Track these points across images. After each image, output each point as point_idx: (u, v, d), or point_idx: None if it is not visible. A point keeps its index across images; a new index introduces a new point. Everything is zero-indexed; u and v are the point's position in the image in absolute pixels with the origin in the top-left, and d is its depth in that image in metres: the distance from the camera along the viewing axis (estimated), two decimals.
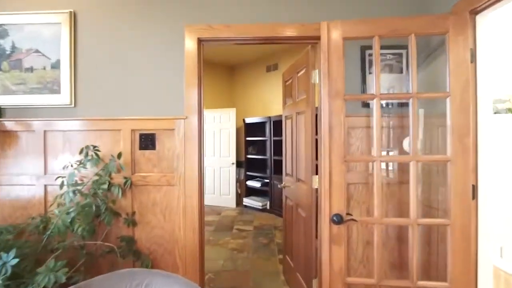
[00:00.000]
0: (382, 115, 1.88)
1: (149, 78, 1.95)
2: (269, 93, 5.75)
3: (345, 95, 1.60)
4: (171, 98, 1.93)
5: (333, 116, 1.60)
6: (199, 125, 1.92)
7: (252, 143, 5.94)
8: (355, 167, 1.93)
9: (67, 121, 1.94)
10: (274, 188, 5.18)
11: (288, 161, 2.65)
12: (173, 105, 1.93)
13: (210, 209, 5.64)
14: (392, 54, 1.90)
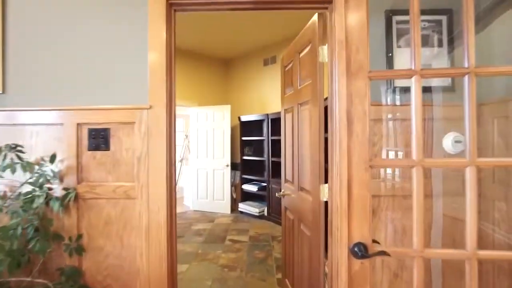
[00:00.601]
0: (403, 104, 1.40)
1: (102, 55, 1.45)
2: (266, 88, 5.26)
3: (370, 71, 1.11)
4: (131, 81, 1.44)
5: (353, 102, 1.12)
6: (168, 117, 1.43)
7: (248, 143, 5.45)
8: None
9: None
10: (272, 193, 4.69)
11: (288, 165, 2.15)
12: (133, 91, 1.44)
13: (202, 216, 5.14)
14: (428, 21, 1.41)
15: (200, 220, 4.85)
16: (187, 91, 5.53)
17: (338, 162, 1.14)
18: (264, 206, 4.96)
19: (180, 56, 5.42)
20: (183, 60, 5.46)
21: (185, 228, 4.40)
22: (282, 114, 2.32)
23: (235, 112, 5.89)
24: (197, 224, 4.62)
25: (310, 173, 1.66)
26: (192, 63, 5.60)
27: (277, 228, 4.36)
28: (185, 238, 3.95)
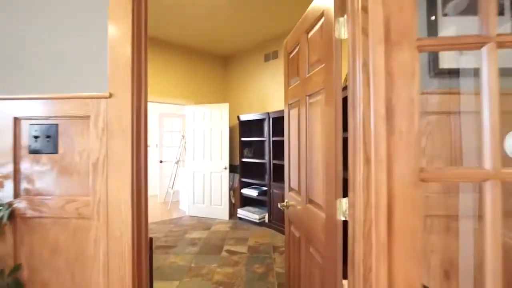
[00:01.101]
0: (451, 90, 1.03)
1: (49, 30, 1.10)
2: (267, 85, 4.90)
3: (419, 39, 0.75)
4: (86, 62, 1.08)
5: (395, 85, 0.76)
6: (136, 109, 1.07)
7: (247, 145, 5.09)
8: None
9: None
10: (273, 198, 4.33)
11: (293, 171, 1.79)
12: (89, 75, 1.08)
13: (198, 222, 4.78)
14: None
15: (195, 227, 4.49)
16: (183, 89, 5.18)
17: (366, 173, 0.78)
18: (264, 212, 4.59)
19: (176, 52, 5.07)
20: (178, 56, 5.11)
21: (179, 237, 4.04)
22: (286, 110, 1.96)
23: (234, 111, 5.53)
24: (192, 232, 4.26)
25: (322, 183, 1.30)
26: (189, 59, 5.25)
27: (279, 237, 3.99)
28: (178, 249, 3.59)
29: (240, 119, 4.99)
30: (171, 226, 4.55)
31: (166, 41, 4.90)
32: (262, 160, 4.62)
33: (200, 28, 4.39)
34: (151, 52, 4.74)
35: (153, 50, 4.78)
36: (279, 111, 4.22)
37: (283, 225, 4.08)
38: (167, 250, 3.56)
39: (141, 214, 1.12)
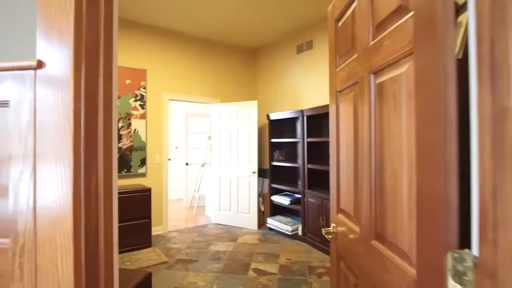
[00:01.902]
0: None
1: None
2: (301, 80, 4.36)
3: None
4: None
5: None
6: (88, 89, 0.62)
7: (278, 146, 4.58)
8: None
9: None
10: (308, 207, 3.78)
11: (346, 186, 1.26)
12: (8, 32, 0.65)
13: (224, 231, 4.35)
14: None
15: (221, 238, 4.06)
16: (209, 86, 4.80)
17: None
18: (298, 223, 4.05)
19: (200, 46, 4.70)
20: (203, 51, 4.74)
21: (202, 249, 3.63)
22: (332, 101, 1.43)
23: (263, 109, 5.05)
24: (217, 244, 3.83)
25: (408, 215, 0.76)
26: (214, 54, 4.86)
27: (315, 255, 3.43)
28: (200, 264, 3.17)
29: (270, 118, 4.50)
30: (195, 236, 4.16)
31: (189, 35, 4.55)
32: (295, 164, 4.09)
33: (226, 19, 3.97)
34: (174, 48, 4.41)
35: (176, 46, 4.45)
36: (315, 108, 3.66)
37: (320, 240, 3.53)
38: (187, 265, 3.15)
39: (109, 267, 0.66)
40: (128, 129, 3.99)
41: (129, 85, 4.00)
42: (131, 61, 4.05)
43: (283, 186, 4.25)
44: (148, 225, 3.66)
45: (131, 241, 3.52)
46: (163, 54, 4.33)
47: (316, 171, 3.88)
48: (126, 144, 3.97)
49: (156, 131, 4.27)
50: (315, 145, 3.90)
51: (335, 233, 1.37)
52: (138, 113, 4.08)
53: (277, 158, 4.49)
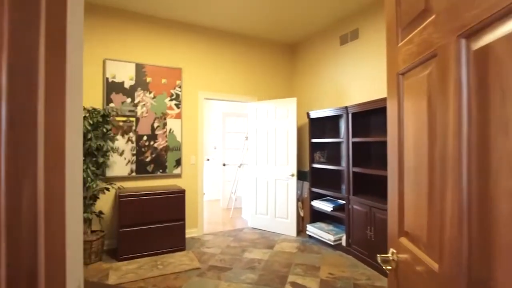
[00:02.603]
0: None
1: None
2: (345, 74, 3.95)
3: None
4: None
5: None
6: None
7: (319, 147, 4.22)
8: None
9: None
10: (353, 216, 3.37)
11: (411, 200, 0.92)
12: None
13: (260, 237, 4.11)
14: None
15: (256, 244, 3.82)
16: (245, 84, 4.60)
17: None
18: (341, 232, 3.66)
19: (235, 43, 4.52)
20: (238, 47, 4.55)
21: (236, 256, 3.42)
22: (392, 87, 1.09)
23: (302, 107, 4.72)
24: (252, 251, 3.59)
25: None
26: (250, 51, 4.64)
27: (362, 270, 3.02)
28: (233, 273, 2.96)
29: (310, 116, 4.15)
30: (230, 240, 3.98)
31: (224, 31, 4.38)
32: (338, 166, 3.69)
33: (262, 13, 3.72)
34: (209, 45, 4.27)
35: (211, 43, 4.31)
36: (362, 104, 3.25)
37: (368, 254, 3.10)
38: (219, 273, 2.96)
39: None
40: (163, 129, 3.93)
41: (165, 85, 3.95)
42: (166, 60, 3.99)
43: (324, 190, 3.88)
44: (182, 227, 3.55)
45: (164, 244, 3.44)
46: (198, 52, 4.22)
47: (362, 175, 3.46)
48: (161, 144, 3.92)
49: (192, 131, 4.17)
50: (362, 146, 3.48)
51: (395, 261, 1.04)
52: (173, 113, 4.00)
53: (318, 160, 4.13)
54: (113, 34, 3.67)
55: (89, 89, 3.54)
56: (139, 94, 3.79)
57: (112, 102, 3.64)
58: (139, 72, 3.78)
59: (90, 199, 3.24)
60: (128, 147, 3.71)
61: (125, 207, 3.25)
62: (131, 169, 3.73)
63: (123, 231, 3.24)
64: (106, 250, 3.54)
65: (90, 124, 3.02)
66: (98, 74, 3.59)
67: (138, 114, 3.78)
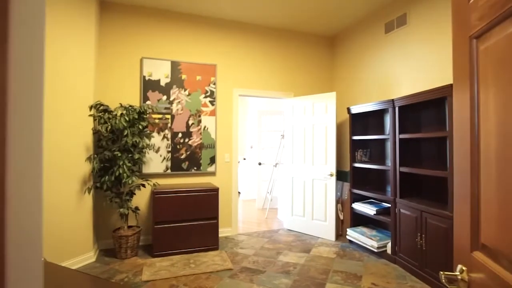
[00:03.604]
0: None
1: None
2: (390, 64, 3.59)
3: None
4: None
5: None
6: None
7: (361, 145, 3.89)
8: None
9: None
10: (400, 221, 3.02)
11: (493, 204, 0.68)
12: None
13: (296, 239, 3.90)
14: None
15: (292, 247, 3.62)
16: (281, 80, 4.42)
17: None
18: (386, 238, 3.31)
19: (270, 36, 4.36)
20: (274, 41, 4.38)
21: (270, 258, 3.25)
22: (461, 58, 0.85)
23: (341, 102, 4.42)
24: (288, 254, 3.40)
25: None
26: (285, 45, 4.45)
27: (411, 283, 2.68)
28: (266, 276, 2.80)
29: (350, 111, 3.85)
30: (265, 241, 3.82)
31: (258, 25, 4.25)
32: (382, 166, 3.35)
33: (299, 3, 3.52)
34: (243, 40, 4.16)
35: (245, 38, 4.20)
36: (411, 96, 2.90)
37: (417, 264, 2.72)
38: (252, 276, 2.81)
39: None
40: (198, 126, 3.90)
41: (199, 82, 3.92)
42: (201, 56, 3.96)
43: (367, 192, 3.55)
44: (215, 226, 3.47)
45: (198, 242, 3.39)
46: (232, 48, 4.13)
47: (411, 176, 3.09)
48: (196, 142, 3.89)
49: (226, 129, 4.09)
50: (410, 143, 3.12)
51: (465, 282, 0.80)
52: (208, 110, 3.96)
53: (359, 158, 3.81)
54: (149, 33, 3.72)
55: (127, 88, 3.62)
56: (174, 91, 3.80)
57: (149, 100, 3.69)
58: (175, 69, 3.80)
59: (127, 194, 3.30)
60: (163, 144, 3.74)
61: (159, 203, 3.26)
62: (166, 166, 3.75)
63: (157, 227, 3.25)
64: (142, 246, 3.60)
65: (126, 120, 3.06)
66: (136, 73, 3.67)
67: (173, 112, 3.79)
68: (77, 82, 2.98)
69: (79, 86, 3.01)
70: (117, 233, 3.20)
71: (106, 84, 3.54)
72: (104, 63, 3.54)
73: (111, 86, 3.56)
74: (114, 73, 3.58)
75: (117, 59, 3.59)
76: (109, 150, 3.11)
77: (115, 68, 3.58)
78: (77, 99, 2.99)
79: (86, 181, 3.10)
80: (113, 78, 3.57)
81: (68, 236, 2.91)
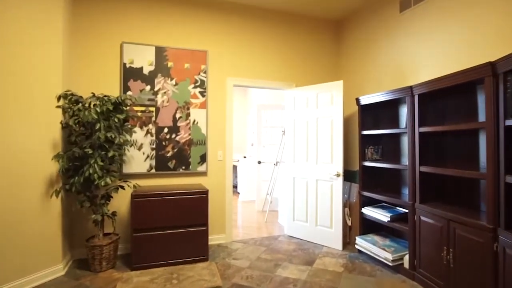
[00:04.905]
0: None
1: None
2: (406, 46, 3.10)
3: None
4: None
5: None
6: None
7: (373, 141, 3.40)
8: None
9: None
10: (421, 229, 2.54)
11: None
12: None
13: (298, 247, 3.44)
14: None
15: (293, 257, 3.16)
16: (281, 69, 3.95)
17: None
18: (402, 249, 2.83)
19: (271, 21, 3.89)
20: (272, 27, 3.91)
21: (267, 273, 2.80)
22: None
23: (349, 93, 3.94)
24: (287, 266, 2.94)
25: None
26: (286, 30, 3.98)
27: None
28: None
29: (360, 102, 3.36)
30: (262, 250, 3.36)
31: (256, 7, 3.78)
32: (397, 165, 2.87)
33: None
34: (239, 24, 3.70)
35: (241, 21, 3.74)
36: (434, 81, 2.40)
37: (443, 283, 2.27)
38: None
39: None
40: (186, 120, 3.46)
41: (188, 70, 3.47)
42: (190, 41, 3.51)
43: (378, 195, 3.07)
44: (204, 234, 3.03)
45: (184, 252, 2.95)
46: (226, 33, 3.67)
47: (434, 177, 2.61)
48: (184, 138, 3.45)
49: (219, 123, 3.64)
50: (434, 138, 2.63)
51: None
52: (198, 102, 3.51)
53: (370, 156, 3.33)
54: (130, 13, 3.28)
55: (105, 77, 3.19)
56: (159, 81, 3.36)
57: (130, 90, 3.25)
58: (160, 56, 3.35)
59: (102, 198, 2.87)
60: (147, 141, 3.30)
61: (138, 208, 2.82)
62: (150, 165, 3.31)
63: (136, 236, 2.82)
64: (123, 255, 3.17)
65: (98, 112, 2.63)
66: (115, 60, 3.23)
67: (158, 104, 3.35)
68: (38, 69, 2.55)
69: (42, 73, 2.58)
70: (90, 242, 2.78)
71: (80, 73, 3.11)
72: (79, 49, 3.10)
73: (87, 75, 3.13)
74: (91, 60, 3.14)
75: (94, 44, 3.16)
76: (80, 147, 2.68)
77: (91, 55, 3.15)
78: (41, 89, 2.57)
79: (54, 183, 2.68)
80: (90, 66, 3.14)
81: (32, 246, 2.49)
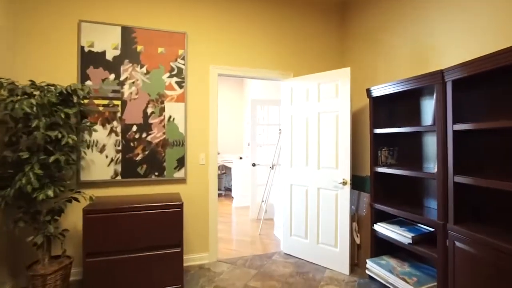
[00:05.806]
0: None
1: None
2: (426, 29, 2.47)
3: None
4: None
5: None
6: None
7: (387, 141, 2.78)
8: None
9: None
10: (456, 258, 1.92)
11: None
12: None
13: (295, 269, 2.83)
14: None
15: (289, 286, 2.55)
16: (276, 56, 3.33)
17: None
18: (428, 279, 2.21)
19: (266, 3, 3.27)
20: (266, 6, 3.29)
21: None
22: None
23: (358, 83, 3.31)
24: None
25: None
26: (282, 11, 3.36)
27: None
28: None
29: (371, 94, 2.74)
30: (252, 275, 2.76)
31: None
32: (420, 172, 2.24)
33: None
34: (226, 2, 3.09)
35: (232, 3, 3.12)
36: (480, 60, 1.77)
37: None
38: None
39: None
40: (160, 116, 2.85)
41: (162, 55, 2.86)
42: (165, 21, 2.90)
43: (395, 209, 2.45)
44: (177, 256, 2.43)
45: (152, 281, 2.35)
46: (210, 12, 3.06)
47: (477, 191, 1.99)
48: (157, 138, 2.85)
49: (201, 120, 3.03)
50: (476, 138, 2.01)
51: None
52: (174, 94, 2.91)
53: (384, 161, 2.71)
54: None
55: (58, 63, 2.59)
56: (126, 68, 2.75)
57: (90, 80, 2.65)
58: (127, 38, 2.75)
59: (49, 213, 2.28)
60: (110, 141, 2.70)
61: (93, 227, 2.23)
62: (115, 171, 2.71)
63: (90, 261, 2.23)
64: (77, 282, 2.58)
65: (34, 105, 2.03)
66: (71, 42, 2.63)
67: (125, 96, 2.75)
68: None
69: None
70: (31, 270, 2.19)
71: (28, 57, 2.51)
72: (25, 28, 2.51)
73: (37, 60, 2.53)
74: (41, 42, 2.55)
75: (45, 22, 2.56)
76: (14, 149, 2.09)
77: (41, 35, 2.55)
78: None
79: None
80: (40, 49, 2.54)
81: None
